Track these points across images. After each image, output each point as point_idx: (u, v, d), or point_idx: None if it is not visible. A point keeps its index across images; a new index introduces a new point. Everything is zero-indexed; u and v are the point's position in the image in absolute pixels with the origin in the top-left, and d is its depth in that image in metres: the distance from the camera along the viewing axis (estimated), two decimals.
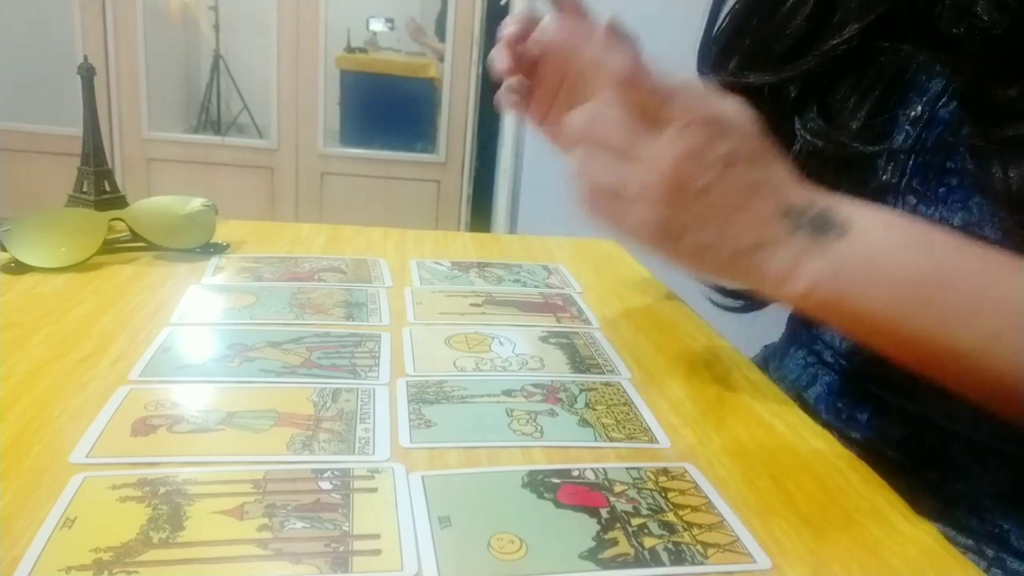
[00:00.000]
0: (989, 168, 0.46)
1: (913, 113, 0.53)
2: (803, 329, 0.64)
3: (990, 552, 0.49)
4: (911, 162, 0.53)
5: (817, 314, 0.44)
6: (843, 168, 0.57)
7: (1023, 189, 0.44)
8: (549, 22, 0.58)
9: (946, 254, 0.42)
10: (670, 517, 0.38)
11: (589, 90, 0.45)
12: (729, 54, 0.61)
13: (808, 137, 0.56)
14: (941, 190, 0.51)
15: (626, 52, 0.42)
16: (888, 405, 0.55)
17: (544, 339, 0.60)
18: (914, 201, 0.52)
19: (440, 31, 3.35)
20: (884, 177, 0.55)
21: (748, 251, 0.42)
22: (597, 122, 0.43)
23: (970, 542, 0.50)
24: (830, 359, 0.59)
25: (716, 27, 0.63)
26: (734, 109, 0.43)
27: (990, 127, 0.46)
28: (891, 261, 0.41)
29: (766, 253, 0.42)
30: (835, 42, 0.55)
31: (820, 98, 0.58)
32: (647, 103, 0.42)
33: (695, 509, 0.39)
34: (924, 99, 0.53)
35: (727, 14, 0.62)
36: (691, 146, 0.41)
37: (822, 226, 0.41)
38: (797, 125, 0.58)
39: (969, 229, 0.49)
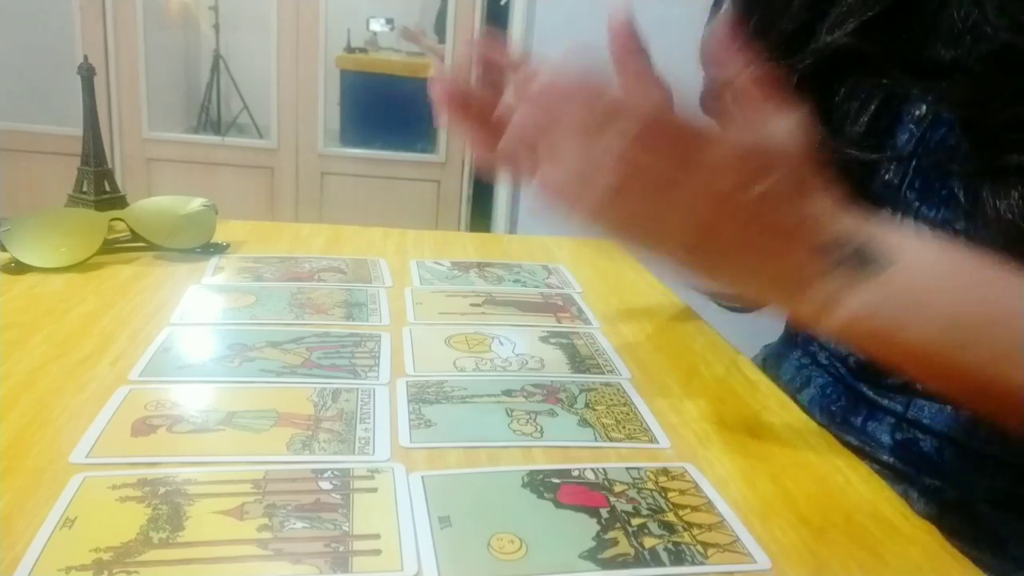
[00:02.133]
0: (979, 194, 0.45)
1: (918, 112, 0.53)
2: (800, 330, 0.64)
3: (987, 560, 0.49)
4: (914, 162, 0.53)
5: (858, 345, 0.44)
6: (845, 170, 0.57)
7: (1011, 219, 0.44)
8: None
9: (995, 290, 0.41)
10: (670, 517, 0.38)
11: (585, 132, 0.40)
12: None
13: None
14: (944, 192, 0.50)
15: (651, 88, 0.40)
16: (882, 409, 0.54)
17: (544, 339, 0.60)
18: (917, 203, 0.52)
19: (440, 31, 3.35)
20: (887, 177, 0.54)
21: (786, 281, 0.42)
22: (629, 157, 0.39)
23: (967, 549, 0.50)
24: (824, 360, 0.59)
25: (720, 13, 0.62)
26: (785, 131, 0.41)
27: (982, 153, 0.46)
28: (936, 297, 0.40)
29: (804, 285, 0.41)
30: (829, 39, 0.55)
31: (820, 101, 0.57)
32: (679, 136, 0.40)
33: (695, 509, 0.39)
34: (929, 99, 0.52)
35: (729, 1, 0.62)
36: (734, 180, 0.40)
37: (863, 260, 0.41)
38: None
39: (971, 233, 0.49)
